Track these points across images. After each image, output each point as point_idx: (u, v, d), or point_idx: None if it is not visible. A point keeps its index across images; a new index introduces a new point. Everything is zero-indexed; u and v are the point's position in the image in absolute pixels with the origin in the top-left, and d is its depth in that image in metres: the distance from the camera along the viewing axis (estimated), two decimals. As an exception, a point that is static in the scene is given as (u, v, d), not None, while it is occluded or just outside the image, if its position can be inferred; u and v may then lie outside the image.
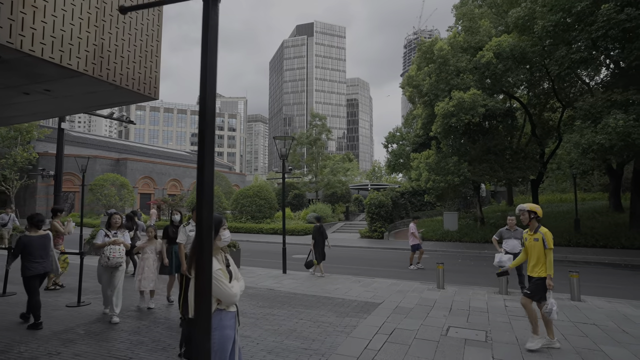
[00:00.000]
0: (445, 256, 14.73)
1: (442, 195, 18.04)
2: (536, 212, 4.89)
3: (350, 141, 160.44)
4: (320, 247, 10.46)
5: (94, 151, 42.65)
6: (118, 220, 5.61)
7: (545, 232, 4.76)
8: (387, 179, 51.25)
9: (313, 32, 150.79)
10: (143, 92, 6.34)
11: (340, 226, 27.01)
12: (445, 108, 14.01)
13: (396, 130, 33.90)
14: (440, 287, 8.37)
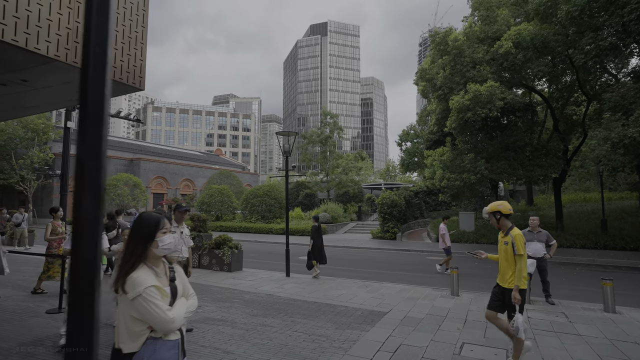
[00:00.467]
0: (460, 258, 13.91)
1: (457, 194, 17.16)
2: (500, 211, 4.21)
3: (365, 141, 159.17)
4: (318, 247, 9.98)
5: (108, 151, 42.99)
6: None
7: (515, 235, 4.09)
8: (402, 178, 50.20)
9: (327, 31, 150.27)
10: (126, 81, 5.86)
11: (352, 226, 26.33)
12: (460, 102, 13.19)
13: (410, 128, 33.02)
14: (454, 294, 7.66)
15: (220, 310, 6.29)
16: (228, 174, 35.85)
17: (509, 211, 4.21)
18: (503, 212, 4.19)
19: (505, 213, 4.20)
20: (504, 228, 4.25)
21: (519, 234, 4.09)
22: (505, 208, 4.20)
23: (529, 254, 7.14)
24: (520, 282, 4.00)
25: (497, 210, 4.21)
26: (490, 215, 4.28)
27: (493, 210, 4.23)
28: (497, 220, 4.24)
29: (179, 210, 5.09)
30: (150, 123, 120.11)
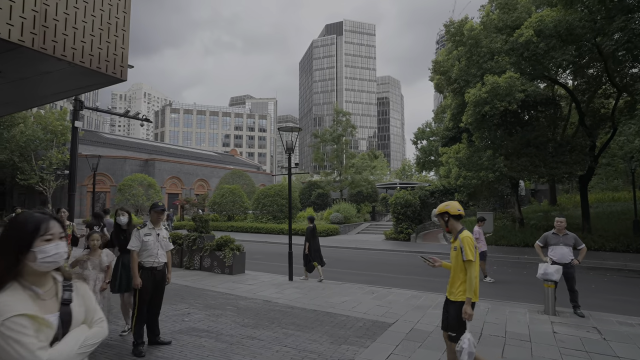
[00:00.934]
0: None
1: (474, 194, 16.24)
2: (448, 212, 3.66)
3: (381, 140, 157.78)
4: (316, 249, 9.59)
5: (124, 152, 43.63)
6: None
7: (463, 238, 3.53)
8: (418, 178, 49.04)
9: (342, 31, 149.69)
10: (105, 71, 5.40)
11: (366, 227, 25.62)
12: (477, 95, 12.36)
13: (426, 126, 31.99)
14: (469, 302, 6.93)
15: (208, 319, 5.78)
16: (240, 173, 35.66)
17: (457, 212, 3.66)
18: (451, 212, 3.65)
19: (454, 214, 3.65)
20: (453, 231, 3.70)
21: (467, 237, 3.54)
22: (453, 208, 3.66)
23: (553, 258, 6.38)
24: (471, 294, 3.42)
25: (445, 211, 3.68)
26: (439, 218, 3.76)
27: (441, 211, 3.71)
28: (446, 223, 3.71)
29: (155, 210, 4.59)
30: (168, 124, 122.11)
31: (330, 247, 17.48)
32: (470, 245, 3.48)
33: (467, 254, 3.45)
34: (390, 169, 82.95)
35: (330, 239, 20.30)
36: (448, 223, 3.69)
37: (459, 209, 3.67)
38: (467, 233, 3.58)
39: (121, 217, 4.89)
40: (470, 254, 3.44)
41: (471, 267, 3.43)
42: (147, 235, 4.46)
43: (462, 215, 3.68)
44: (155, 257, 4.46)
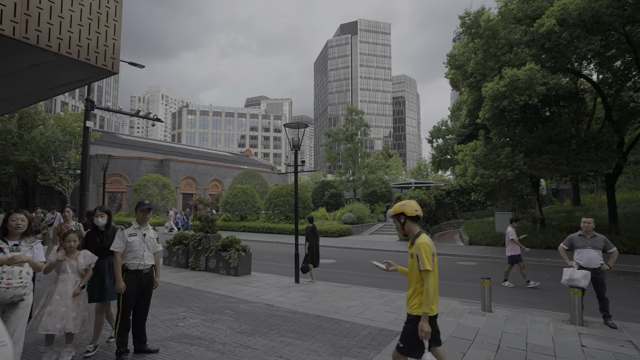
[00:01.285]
0: (497, 264, 12.42)
1: (492, 193, 15.51)
2: (404, 213, 3.19)
3: (397, 140, 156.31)
4: (314, 249, 9.25)
5: (140, 153, 44.22)
6: (21, 223, 3.41)
7: (420, 244, 3.06)
8: (434, 177, 48.01)
9: (357, 30, 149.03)
10: (95, 62, 5.13)
11: (379, 227, 25.06)
12: (494, 89, 11.70)
13: (441, 124, 31.21)
14: (486, 309, 6.41)
15: (203, 325, 5.45)
16: (253, 173, 35.57)
17: (415, 212, 3.17)
18: (407, 213, 3.17)
19: (410, 215, 3.17)
20: (410, 235, 3.24)
21: (424, 243, 3.05)
22: (410, 209, 3.17)
23: (580, 262, 5.80)
24: (428, 307, 2.96)
25: (400, 212, 3.21)
26: (395, 219, 3.29)
27: (396, 212, 3.24)
28: (402, 225, 3.24)
29: (140, 209, 4.28)
30: (185, 126, 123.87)
31: (342, 247, 17.07)
32: (427, 253, 3.01)
33: (424, 262, 2.99)
34: (406, 168, 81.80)
35: (343, 240, 19.86)
36: (404, 225, 3.22)
37: (417, 210, 3.20)
38: (424, 238, 3.10)
39: (99, 218, 4.43)
40: (427, 263, 2.98)
41: (428, 277, 2.97)
42: (132, 235, 4.16)
43: (419, 217, 3.20)
44: (141, 259, 4.14)
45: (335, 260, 13.41)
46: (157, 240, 4.43)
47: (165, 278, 9.17)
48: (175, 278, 9.20)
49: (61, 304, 3.80)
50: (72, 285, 3.91)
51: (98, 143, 41.14)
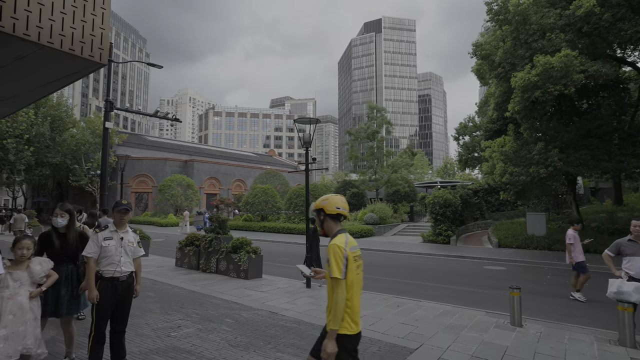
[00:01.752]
0: (528, 270, 11.42)
1: (523, 192, 14.37)
2: (323, 209, 2.68)
3: (423, 138, 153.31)
4: (315, 251, 8.94)
5: (166, 154, 45.08)
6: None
7: (330, 247, 2.54)
8: (461, 176, 46.30)
9: (381, 28, 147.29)
10: (80, 53, 4.77)
11: (402, 228, 24.17)
12: (525, 78, 10.73)
13: (468, 120, 29.82)
14: (515, 323, 5.65)
15: (197, 335, 5.02)
16: (274, 173, 35.40)
17: (336, 210, 2.66)
18: (327, 210, 2.66)
19: (330, 212, 2.66)
20: (329, 235, 2.71)
21: (334, 245, 2.51)
22: (331, 205, 2.67)
23: (630, 273, 4.96)
24: (336, 324, 2.42)
25: (320, 207, 2.70)
26: (316, 215, 2.78)
27: (316, 207, 2.74)
28: (321, 223, 2.73)
29: (117, 210, 3.86)
30: (211, 127, 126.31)
31: (362, 249, 16.31)
32: (338, 257, 2.46)
33: (332, 269, 2.46)
34: (432, 167, 79.70)
35: (364, 241, 19.18)
36: (323, 223, 2.70)
37: (339, 207, 2.66)
38: (338, 239, 2.55)
39: (58, 218, 3.84)
40: (335, 268, 2.44)
41: (338, 287, 2.43)
42: (107, 239, 3.75)
43: (341, 215, 2.68)
44: (117, 265, 3.73)
45: (353, 262, 12.78)
46: (138, 245, 4.02)
47: (173, 281, 8.88)
48: (183, 281, 8.89)
49: (18, 323, 3.24)
50: (26, 298, 3.37)
51: (126, 145, 42.24)
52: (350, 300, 2.48)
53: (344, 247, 2.51)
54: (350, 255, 2.52)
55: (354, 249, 2.60)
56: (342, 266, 2.45)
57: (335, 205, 2.66)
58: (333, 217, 2.67)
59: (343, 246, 2.51)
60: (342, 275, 2.44)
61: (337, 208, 2.65)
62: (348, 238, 2.60)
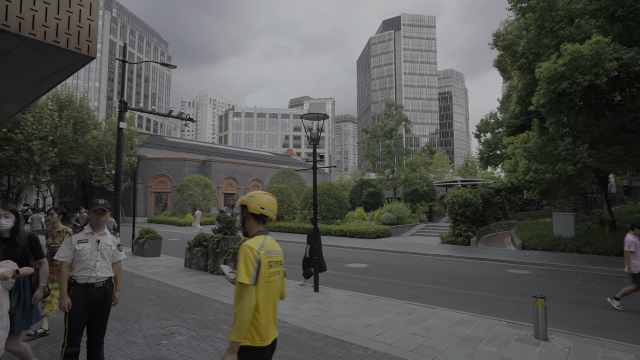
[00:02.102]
0: (555, 274, 10.64)
1: (548, 191, 13.48)
2: (247, 206, 2.42)
3: (444, 137, 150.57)
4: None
5: (184, 154, 45.62)
6: None
7: (241, 248, 2.27)
8: (483, 175, 44.86)
9: (400, 25, 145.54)
10: (66, 45, 4.53)
11: (421, 228, 23.43)
12: (551, 69, 9.96)
13: (490, 117, 28.77)
14: (540, 336, 5.07)
15: (189, 344, 4.70)
16: (290, 172, 35.16)
17: (259, 210, 2.39)
18: (250, 208, 2.40)
19: (253, 212, 2.39)
20: (249, 234, 2.46)
21: (247, 246, 2.26)
22: (255, 203, 2.40)
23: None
24: (240, 336, 2.14)
25: (244, 204, 2.44)
26: (239, 212, 2.56)
27: (242, 203, 2.49)
28: (243, 220, 2.48)
29: (93, 210, 3.57)
30: (231, 128, 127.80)
31: (377, 250, 15.89)
32: (248, 260, 2.19)
33: (240, 272, 2.18)
34: (453, 166, 77.81)
35: (379, 242, 18.63)
36: (245, 222, 2.45)
37: (264, 207, 2.39)
38: (253, 241, 2.29)
39: (2, 219, 3.42)
40: (243, 272, 2.17)
41: (244, 293, 2.15)
42: (81, 242, 3.46)
43: (265, 216, 2.41)
44: (92, 270, 3.43)
45: (367, 264, 12.32)
46: (118, 248, 3.72)
47: (178, 282, 8.67)
48: (188, 283, 8.66)
49: None
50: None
51: (146, 145, 42.99)
52: (258, 309, 2.19)
53: (257, 249, 2.24)
54: (264, 260, 2.24)
55: (272, 254, 2.33)
56: (251, 270, 2.17)
57: (259, 204, 2.38)
58: (256, 217, 2.40)
59: (256, 248, 2.24)
60: (250, 281, 2.15)
61: (262, 208, 2.38)
62: (266, 241, 2.33)
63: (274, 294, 2.33)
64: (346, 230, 21.72)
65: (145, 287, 8.13)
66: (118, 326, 5.35)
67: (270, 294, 2.28)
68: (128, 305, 6.52)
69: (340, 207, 24.85)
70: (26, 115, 29.74)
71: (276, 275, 2.34)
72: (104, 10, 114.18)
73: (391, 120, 28.90)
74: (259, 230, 2.40)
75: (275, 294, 2.35)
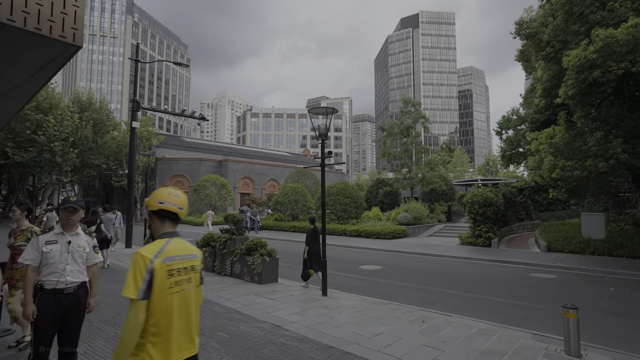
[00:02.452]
0: (585, 279, 9.84)
1: (576, 189, 12.57)
2: (147, 205, 2.08)
3: (464, 135, 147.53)
4: (315, 253, 8.32)
5: (202, 154, 45.98)
6: None
7: (134, 256, 1.91)
8: (505, 174, 43.29)
9: (419, 23, 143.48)
10: (49, 33, 4.27)
11: (439, 229, 22.64)
12: (581, 57, 9.19)
13: (512, 113, 27.52)
14: (572, 352, 4.47)
15: (178, 354, 4.33)
16: (305, 172, 34.83)
17: (158, 205, 2.02)
18: (150, 206, 2.05)
19: (153, 209, 2.04)
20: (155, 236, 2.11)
21: (139, 254, 1.90)
22: (154, 199, 2.05)
23: None
24: (119, 356, 1.80)
25: (146, 204, 2.09)
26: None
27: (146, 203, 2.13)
28: (151, 223, 2.13)
29: (63, 208, 3.23)
30: (249, 128, 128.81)
31: (392, 251, 15.30)
32: (136, 271, 1.85)
33: (126, 284, 1.85)
34: (474, 165, 75.82)
35: (395, 242, 18.02)
36: (152, 224, 2.09)
37: (162, 201, 2.02)
38: (147, 247, 1.93)
39: None
40: (131, 285, 1.84)
41: (131, 308, 1.84)
42: (50, 243, 3.13)
43: (168, 212, 2.03)
44: (61, 274, 3.09)
45: (382, 266, 11.78)
46: (94, 250, 3.37)
47: (182, 283, 8.37)
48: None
49: None
50: None
51: (164, 146, 43.50)
52: (157, 326, 1.84)
53: (151, 257, 1.87)
54: (159, 269, 1.87)
55: (175, 260, 1.95)
56: (139, 282, 1.82)
57: (158, 199, 2.01)
58: (158, 215, 2.03)
59: (149, 256, 1.87)
60: (138, 294, 1.81)
61: (160, 203, 2.00)
62: (167, 245, 1.95)
63: (186, 306, 1.97)
64: (361, 231, 21.18)
65: (148, 288, 7.86)
66: (109, 331, 5.06)
67: (176, 307, 1.91)
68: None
69: (356, 207, 24.31)
70: (48, 117, 30.49)
71: (184, 284, 1.97)
72: (126, 16, 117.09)
73: (408, 117, 28.12)
74: (164, 233, 2.03)
75: (188, 305, 1.99)
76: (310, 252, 8.35)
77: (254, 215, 25.38)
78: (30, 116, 30.21)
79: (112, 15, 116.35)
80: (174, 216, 2.05)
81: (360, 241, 18.94)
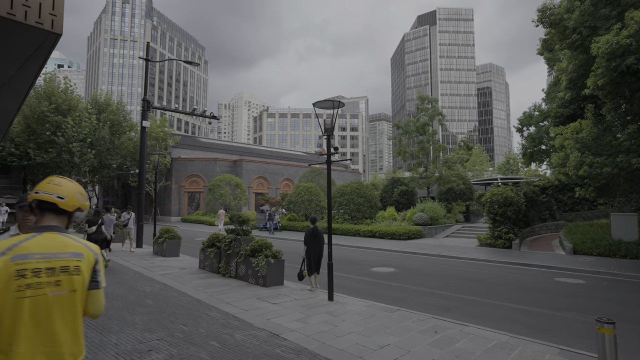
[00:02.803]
0: (617, 286, 9.05)
1: (606, 188, 11.68)
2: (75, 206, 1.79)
3: (483, 134, 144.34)
4: (315, 254, 7.97)
5: (216, 154, 46.18)
6: None
7: None
8: (526, 172, 41.80)
9: (436, 20, 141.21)
10: (24, 19, 4.00)
11: (456, 229, 21.82)
12: (612, 42, 8.42)
13: (534, 109, 26.42)
14: (606, 372, 3.87)
15: (161, 366, 3.97)
16: (319, 171, 34.43)
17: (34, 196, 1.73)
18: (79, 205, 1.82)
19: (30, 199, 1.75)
20: None
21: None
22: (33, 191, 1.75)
23: None
24: None
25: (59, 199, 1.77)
26: None
27: None
28: None
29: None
30: (265, 129, 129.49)
31: (407, 253, 14.71)
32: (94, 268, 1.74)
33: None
34: (493, 163, 73.82)
35: (410, 243, 17.39)
36: None
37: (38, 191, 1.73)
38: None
39: None
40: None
41: None
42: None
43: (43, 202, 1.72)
44: None
45: (395, 268, 11.23)
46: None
47: (185, 286, 8.08)
48: (195, 287, 8.05)
49: None
50: None
51: (180, 146, 43.87)
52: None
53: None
54: (4, 268, 1.54)
55: (33, 258, 1.60)
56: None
57: (35, 189, 1.74)
58: (38, 207, 1.74)
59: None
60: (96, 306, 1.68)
61: (35, 193, 1.73)
62: (27, 242, 1.63)
63: (47, 316, 1.60)
64: (375, 231, 20.60)
65: (147, 290, 7.59)
66: (94, 338, 4.74)
67: (27, 316, 1.55)
68: (119, 312, 5.96)
69: (370, 207, 23.71)
70: (67, 119, 31.10)
71: (45, 288, 1.59)
72: (145, 20, 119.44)
73: (425, 114, 27.33)
74: (36, 227, 1.70)
75: (49, 314, 1.60)
76: (308, 252, 7.97)
77: (271, 215, 24.89)
78: (50, 118, 30.88)
79: (132, 20, 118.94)
80: (54, 207, 1.71)
81: (374, 242, 18.39)
